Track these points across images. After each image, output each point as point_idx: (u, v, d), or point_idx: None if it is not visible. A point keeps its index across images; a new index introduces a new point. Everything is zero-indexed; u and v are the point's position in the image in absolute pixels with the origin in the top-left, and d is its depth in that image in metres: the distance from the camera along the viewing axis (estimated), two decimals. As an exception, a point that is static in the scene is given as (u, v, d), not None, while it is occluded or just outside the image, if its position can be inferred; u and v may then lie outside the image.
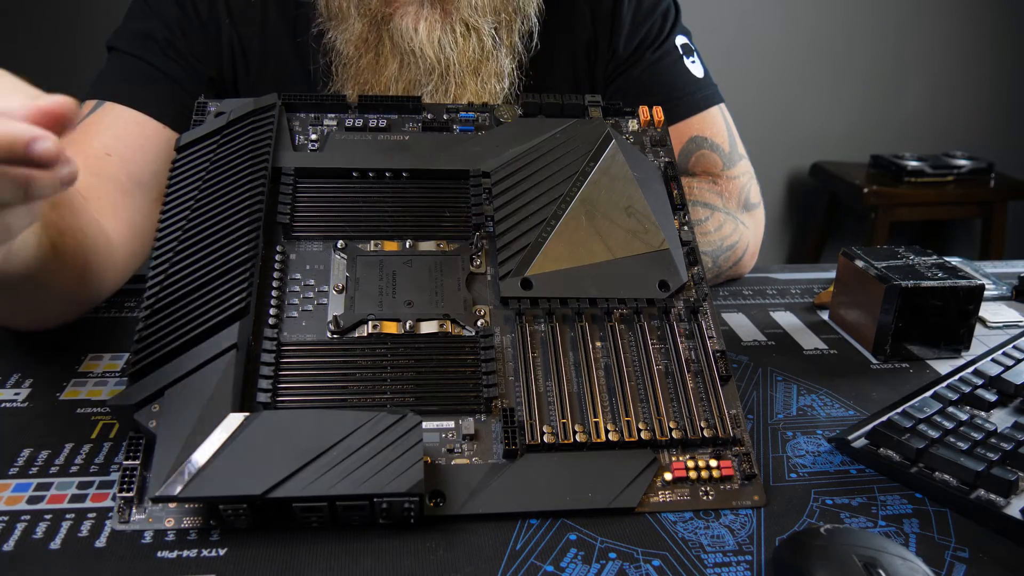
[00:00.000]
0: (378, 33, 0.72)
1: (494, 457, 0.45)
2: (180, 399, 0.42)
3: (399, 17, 0.71)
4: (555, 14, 0.78)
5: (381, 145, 0.57)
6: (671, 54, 0.81)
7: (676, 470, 0.46)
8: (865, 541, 0.40)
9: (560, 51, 0.80)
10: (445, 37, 0.70)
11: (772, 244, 2.53)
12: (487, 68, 0.73)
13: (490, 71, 0.73)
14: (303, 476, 0.40)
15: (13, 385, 0.54)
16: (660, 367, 0.50)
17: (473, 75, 0.72)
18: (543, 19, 0.76)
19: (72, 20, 1.71)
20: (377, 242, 0.53)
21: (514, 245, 0.52)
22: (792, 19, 2.31)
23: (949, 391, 0.55)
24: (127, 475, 0.42)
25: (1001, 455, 0.48)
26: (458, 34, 0.71)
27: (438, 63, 0.71)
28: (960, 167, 2.26)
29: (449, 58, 0.71)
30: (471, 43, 0.71)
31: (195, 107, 0.56)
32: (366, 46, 0.72)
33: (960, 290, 0.62)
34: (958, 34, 2.42)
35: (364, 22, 0.71)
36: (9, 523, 0.42)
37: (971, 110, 2.51)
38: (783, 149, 2.41)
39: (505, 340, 0.50)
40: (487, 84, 0.73)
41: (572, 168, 0.56)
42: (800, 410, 0.56)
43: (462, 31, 0.71)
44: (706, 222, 0.75)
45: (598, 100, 0.62)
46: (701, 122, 0.80)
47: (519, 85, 0.75)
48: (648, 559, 0.42)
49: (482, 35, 0.72)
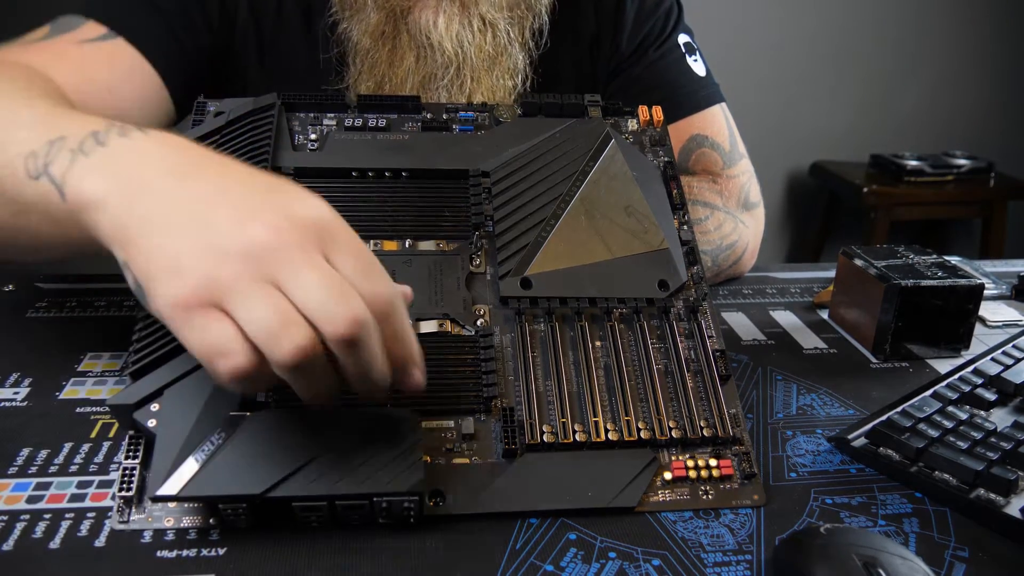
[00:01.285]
0: (395, 25, 0.72)
1: (494, 457, 0.45)
2: (180, 399, 0.42)
3: (419, 10, 0.71)
4: (562, 12, 0.78)
5: (380, 145, 0.56)
6: (673, 52, 0.82)
7: (676, 469, 0.46)
8: (865, 540, 0.40)
9: (566, 49, 0.80)
10: (464, 32, 0.71)
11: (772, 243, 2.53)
12: (502, 64, 0.73)
13: (504, 67, 0.73)
14: (303, 475, 0.40)
15: (12, 384, 0.54)
16: (660, 366, 0.50)
17: (488, 71, 0.73)
18: (552, 17, 0.76)
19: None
20: (376, 242, 0.53)
21: (514, 245, 0.52)
22: (792, 19, 2.31)
23: (949, 390, 0.55)
24: (126, 475, 0.42)
25: (1001, 454, 0.48)
26: (475, 29, 0.71)
27: (455, 57, 0.71)
28: (960, 167, 2.26)
29: (467, 53, 0.71)
30: (487, 38, 0.72)
31: (195, 107, 0.56)
32: (383, 38, 0.72)
33: (960, 289, 0.62)
34: (958, 34, 2.42)
35: (381, 14, 0.71)
36: (8, 523, 0.42)
37: (971, 110, 2.51)
38: (782, 149, 2.41)
39: (505, 340, 0.50)
40: (501, 80, 0.74)
41: (572, 168, 0.56)
42: (800, 409, 0.56)
43: (479, 26, 0.71)
44: (706, 221, 0.75)
45: (597, 100, 0.62)
46: (702, 120, 0.80)
47: (530, 83, 0.76)
48: (648, 558, 0.42)
49: (498, 31, 0.72)
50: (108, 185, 0.40)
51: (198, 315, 0.36)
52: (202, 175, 0.40)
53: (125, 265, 0.39)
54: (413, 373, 0.40)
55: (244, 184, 0.40)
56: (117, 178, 0.40)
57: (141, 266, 0.38)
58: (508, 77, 0.74)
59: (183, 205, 0.38)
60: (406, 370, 0.40)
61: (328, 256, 0.38)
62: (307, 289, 0.36)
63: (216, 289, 0.36)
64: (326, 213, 0.39)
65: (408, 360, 0.40)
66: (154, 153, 0.41)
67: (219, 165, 0.41)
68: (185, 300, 0.36)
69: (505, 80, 0.74)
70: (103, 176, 0.40)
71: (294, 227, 0.37)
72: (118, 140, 0.42)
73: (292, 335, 0.35)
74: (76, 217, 0.41)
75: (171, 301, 0.36)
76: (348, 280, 0.37)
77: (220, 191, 0.39)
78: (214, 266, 0.36)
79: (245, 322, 0.36)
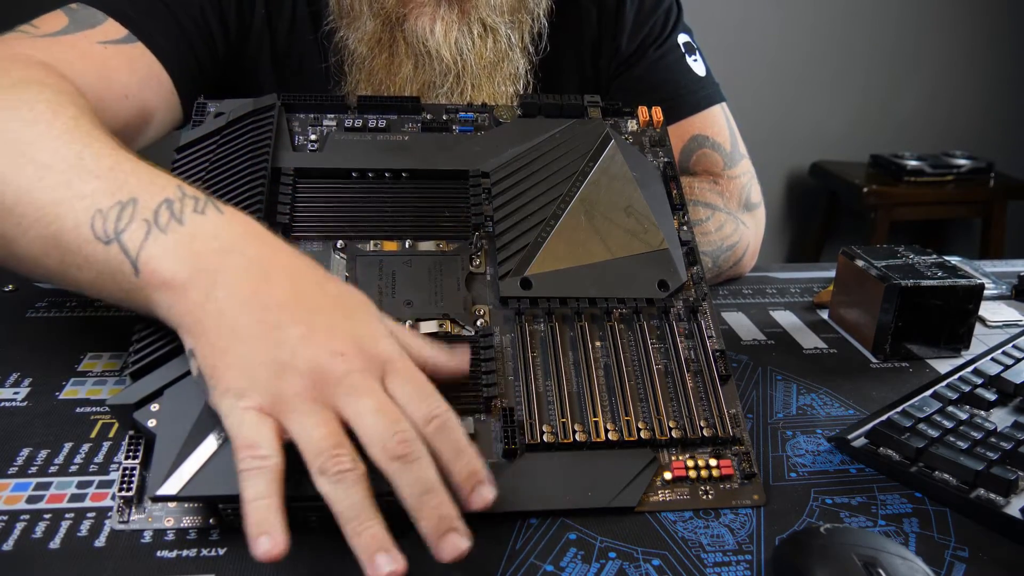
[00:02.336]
0: (392, 33, 0.71)
1: (494, 457, 0.45)
2: (180, 399, 0.42)
3: (415, 18, 0.70)
4: (562, 15, 0.77)
5: (380, 145, 0.56)
6: (673, 52, 0.81)
7: (676, 469, 0.46)
8: (865, 540, 0.40)
9: (567, 53, 0.80)
10: (463, 38, 0.70)
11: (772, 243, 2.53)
12: (503, 70, 0.73)
13: (505, 73, 0.73)
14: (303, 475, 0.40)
15: (12, 384, 0.54)
16: (660, 366, 0.50)
17: (489, 77, 0.72)
18: (551, 21, 0.76)
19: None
20: (377, 242, 0.53)
21: (513, 245, 0.52)
22: (792, 19, 2.31)
23: (949, 390, 0.55)
24: (126, 475, 0.42)
25: (1001, 454, 0.48)
26: (475, 35, 0.70)
27: (454, 64, 0.70)
28: (960, 167, 2.26)
29: (466, 60, 0.70)
30: (488, 44, 0.71)
31: (195, 107, 0.56)
32: (380, 46, 0.72)
33: (960, 289, 0.62)
34: (958, 34, 2.42)
35: (377, 21, 0.71)
36: (8, 523, 0.42)
37: (971, 110, 2.51)
38: (783, 149, 2.41)
39: (505, 340, 0.50)
40: (503, 87, 0.73)
41: (571, 168, 0.56)
42: (800, 409, 0.56)
43: (479, 31, 0.70)
44: (707, 222, 0.75)
45: (597, 100, 0.62)
46: (703, 121, 0.80)
47: (530, 88, 0.75)
48: (648, 558, 0.42)
49: (498, 36, 0.71)
50: (187, 272, 0.41)
51: (250, 413, 0.38)
52: (278, 279, 0.42)
53: (191, 353, 0.41)
54: (480, 491, 0.39)
55: (316, 297, 0.42)
56: (196, 266, 0.41)
57: (209, 362, 0.40)
58: (509, 83, 0.73)
59: (258, 313, 0.40)
60: (474, 488, 0.39)
61: (385, 382, 0.40)
62: (362, 415, 0.38)
63: (278, 404, 0.39)
64: (390, 347, 0.41)
65: (471, 475, 0.39)
66: (234, 242, 0.42)
67: (294, 267, 0.43)
68: (239, 396, 0.39)
69: (507, 86, 0.73)
70: (181, 261, 0.41)
71: (359, 356, 0.40)
72: (195, 218, 0.43)
73: (341, 460, 0.37)
74: (146, 292, 0.42)
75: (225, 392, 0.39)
76: (401, 403, 0.40)
77: (295, 301, 0.41)
78: (281, 384, 0.39)
79: (298, 436, 0.38)
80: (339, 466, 0.37)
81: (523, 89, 0.75)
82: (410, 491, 0.38)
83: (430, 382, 0.41)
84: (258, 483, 0.37)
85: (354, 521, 0.37)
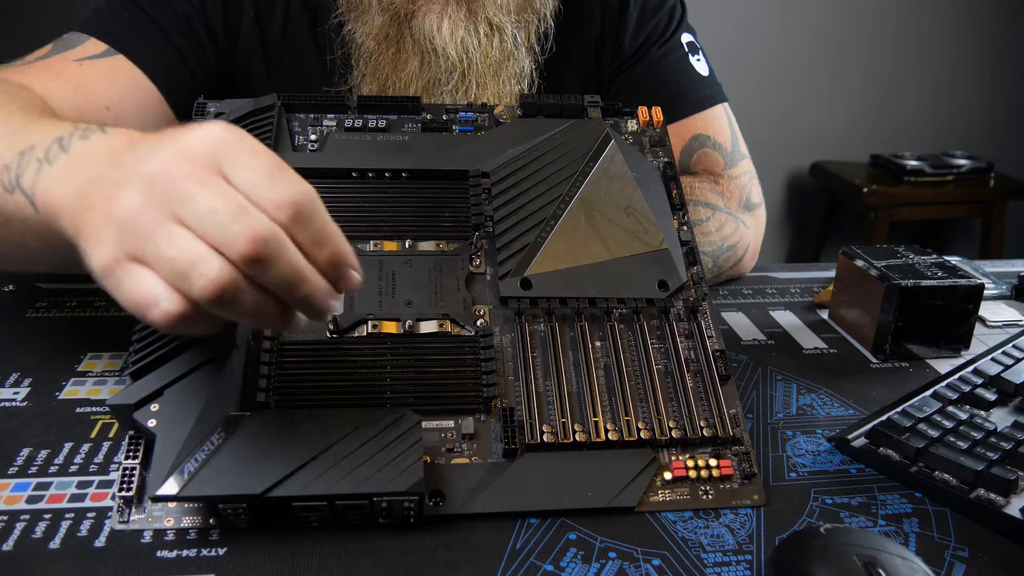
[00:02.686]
0: (399, 29, 0.71)
1: (494, 457, 0.45)
2: (180, 399, 0.42)
3: (423, 15, 0.70)
4: (567, 16, 0.78)
5: (380, 145, 0.56)
6: (676, 51, 0.81)
7: (676, 469, 0.46)
8: (865, 540, 0.40)
9: (572, 52, 0.80)
10: (469, 37, 0.70)
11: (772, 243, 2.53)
12: (508, 69, 0.73)
13: (511, 72, 0.73)
14: (303, 475, 0.40)
15: (12, 384, 0.54)
16: (660, 367, 0.50)
17: (494, 76, 0.72)
18: (557, 20, 0.76)
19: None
20: (376, 242, 0.53)
21: (513, 245, 0.52)
22: (792, 19, 2.31)
23: (949, 390, 0.55)
24: (126, 475, 0.42)
25: (1001, 454, 0.48)
26: (482, 34, 0.71)
27: (460, 62, 0.70)
28: (960, 166, 2.26)
29: (472, 58, 0.70)
30: (494, 43, 0.71)
31: (194, 108, 0.56)
32: (387, 41, 0.72)
33: (960, 289, 0.62)
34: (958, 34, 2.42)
35: (386, 16, 0.71)
36: (8, 523, 0.42)
37: (971, 110, 2.51)
38: (783, 149, 2.41)
39: (505, 340, 0.50)
40: (507, 86, 0.73)
41: (571, 168, 0.56)
42: (800, 409, 0.56)
43: (486, 31, 0.71)
44: (707, 222, 0.75)
45: (597, 100, 0.62)
46: (704, 120, 0.80)
47: (535, 87, 0.75)
48: (648, 558, 0.42)
49: (504, 35, 0.71)
50: (68, 191, 0.40)
51: (120, 272, 0.36)
52: (135, 151, 0.38)
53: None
54: (348, 275, 0.38)
55: (158, 138, 0.38)
56: (75, 183, 0.40)
57: (84, 252, 0.38)
58: (515, 82, 0.73)
59: (110, 180, 0.37)
60: (340, 273, 0.38)
61: (225, 174, 0.36)
62: (200, 215, 0.35)
63: (127, 240, 0.35)
64: (217, 133, 0.37)
65: (338, 260, 0.37)
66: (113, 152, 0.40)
67: (154, 137, 0.39)
68: (107, 262, 0.36)
69: (511, 86, 0.73)
70: (66, 184, 0.41)
71: (184, 156, 0.36)
72: (79, 144, 0.42)
73: (202, 271, 0.34)
74: (51, 225, 0.41)
75: (98, 268, 0.36)
76: (247, 193, 0.36)
77: (137, 153, 0.38)
78: (121, 217, 0.36)
79: (158, 268, 0.35)
80: (204, 277, 0.34)
81: (528, 88, 0.75)
82: (282, 288, 0.36)
83: (280, 160, 0.37)
84: (203, 324, 0.36)
85: (263, 314, 0.36)
